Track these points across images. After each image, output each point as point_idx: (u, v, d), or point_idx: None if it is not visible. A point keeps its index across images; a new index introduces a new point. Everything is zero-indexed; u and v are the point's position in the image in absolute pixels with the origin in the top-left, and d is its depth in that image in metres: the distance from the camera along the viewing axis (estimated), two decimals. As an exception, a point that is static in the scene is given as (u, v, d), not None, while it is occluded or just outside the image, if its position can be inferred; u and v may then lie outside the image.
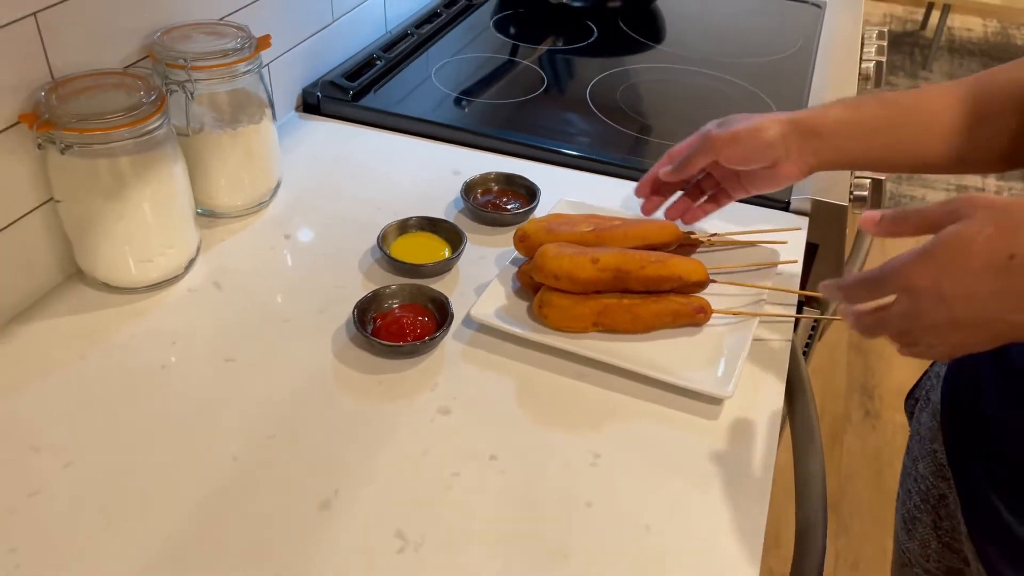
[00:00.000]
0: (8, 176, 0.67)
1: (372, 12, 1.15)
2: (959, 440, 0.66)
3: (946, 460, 0.69)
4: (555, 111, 1.05)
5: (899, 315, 0.49)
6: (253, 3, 0.90)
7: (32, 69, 0.67)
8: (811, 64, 1.20)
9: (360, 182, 0.90)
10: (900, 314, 0.49)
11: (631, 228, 0.76)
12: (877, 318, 0.51)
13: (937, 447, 0.71)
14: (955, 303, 0.46)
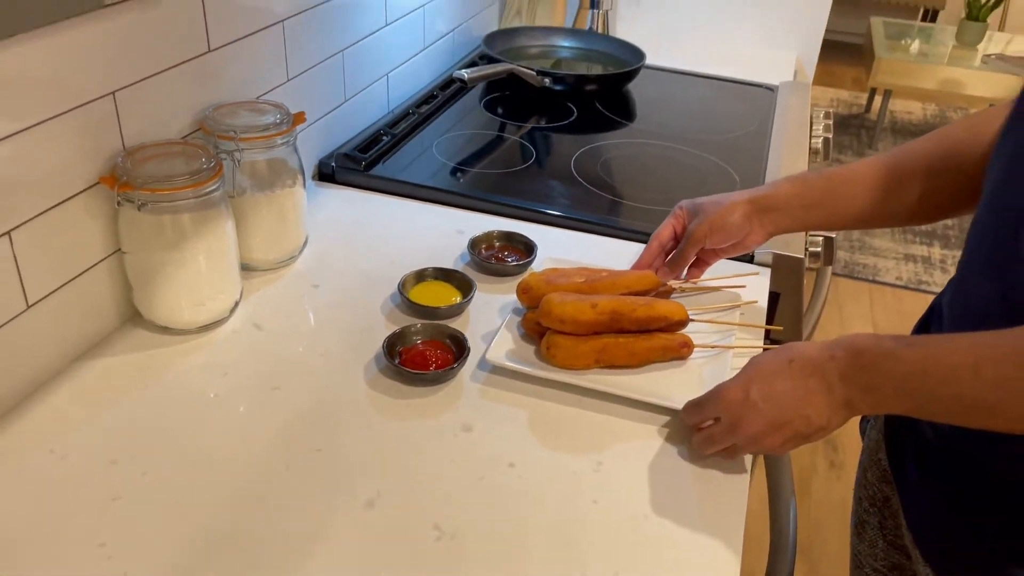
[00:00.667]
0: (84, 231, 0.77)
1: (377, 94, 1.29)
2: (898, 448, 0.78)
3: (888, 466, 0.80)
4: (543, 179, 1.18)
5: (723, 429, 0.67)
6: (280, 86, 1.03)
7: (108, 138, 0.78)
8: (767, 140, 1.36)
9: (376, 240, 1.02)
10: (724, 428, 0.67)
11: (617, 278, 0.88)
12: (706, 435, 0.69)
13: (882, 456, 0.82)
14: (763, 404, 0.64)
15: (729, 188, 1.18)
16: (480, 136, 1.31)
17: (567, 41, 1.64)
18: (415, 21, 1.37)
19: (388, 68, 1.31)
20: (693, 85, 1.60)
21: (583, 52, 1.63)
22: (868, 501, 0.86)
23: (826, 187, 0.82)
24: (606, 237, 1.05)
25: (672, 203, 0.93)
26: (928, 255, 3.05)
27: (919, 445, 0.73)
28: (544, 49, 1.63)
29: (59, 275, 0.75)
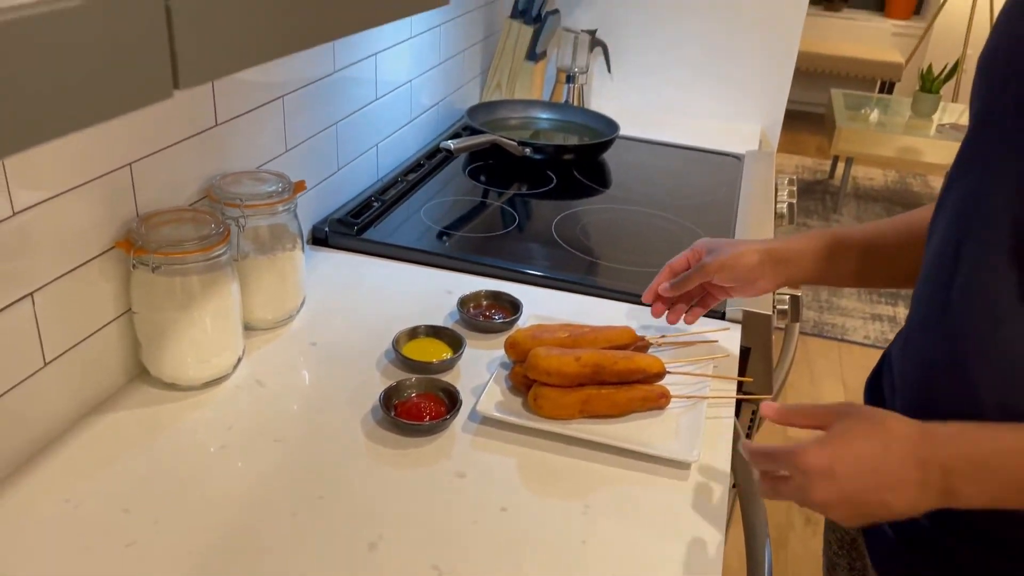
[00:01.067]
0: (99, 292, 0.82)
1: (367, 163, 1.36)
2: None
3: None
4: (526, 242, 1.25)
5: (794, 490, 0.64)
6: (279, 156, 1.10)
7: (124, 205, 0.83)
8: (735, 205, 1.44)
9: (369, 300, 1.07)
10: (795, 489, 0.64)
11: (598, 333, 0.94)
12: (773, 488, 0.67)
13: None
14: (845, 481, 0.60)
15: (701, 250, 1.25)
16: (465, 202, 1.38)
17: (545, 113, 1.74)
18: (402, 96, 1.45)
19: (378, 139, 1.38)
20: (665, 154, 1.69)
21: (560, 123, 1.72)
22: (837, 544, 0.91)
23: (832, 247, 0.89)
24: (587, 296, 1.12)
25: (648, 264, 1.00)
26: (893, 315, 3.16)
27: None
28: (524, 121, 1.72)
29: (74, 334, 0.80)
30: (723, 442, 0.86)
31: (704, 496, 0.78)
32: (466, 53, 1.75)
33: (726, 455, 0.84)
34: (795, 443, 0.64)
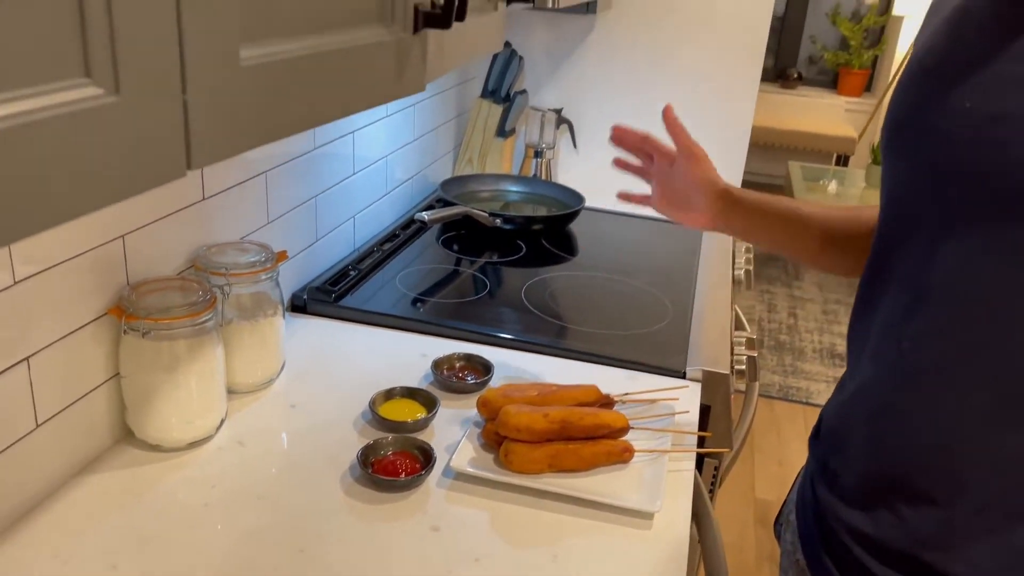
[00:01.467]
0: (89, 357, 0.86)
1: (345, 234, 1.42)
2: (813, 547, 0.87)
3: (806, 565, 0.89)
4: (497, 308, 1.31)
5: None
6: (262, 228, 1.15)
7: (115, 275, 0.88)
8: (694, 271, 1.52)
9: (347, 363, 1.12)
10: None
11: (566, 392, 0.99)
12: None
13: (799, 556, 0.92)
14: None
15: (662, 313, 1.32)
16: (439, 270, 1.44)
17: (515, 186, 1.82)
18: (379, 170, 1.52)
19: (355, 211, 1.45)
20: (628, 224, 1.77)
21: (529, 196, 1.81)
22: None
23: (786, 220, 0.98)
24: (555, 357, 1.17)
25: (613, 327, 1.06)
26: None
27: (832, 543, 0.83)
28: (494, 193, 1.80)
29: (65, 397, 0.84)
30: (684, 493, 0.91)
31: (667, 544, 0.83)
32: (439, 130, 1.84)
33: (687, 505, 0.89)
34: None
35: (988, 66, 0.65)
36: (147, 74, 0.40)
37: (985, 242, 0.65)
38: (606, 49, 1.96)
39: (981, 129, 0.65)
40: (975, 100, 0.65)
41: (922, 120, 0.70)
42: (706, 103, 1.95)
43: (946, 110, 0.68)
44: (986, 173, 0.65)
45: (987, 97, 0.65)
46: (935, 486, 0.71)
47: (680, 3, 1.89)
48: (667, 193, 1.03)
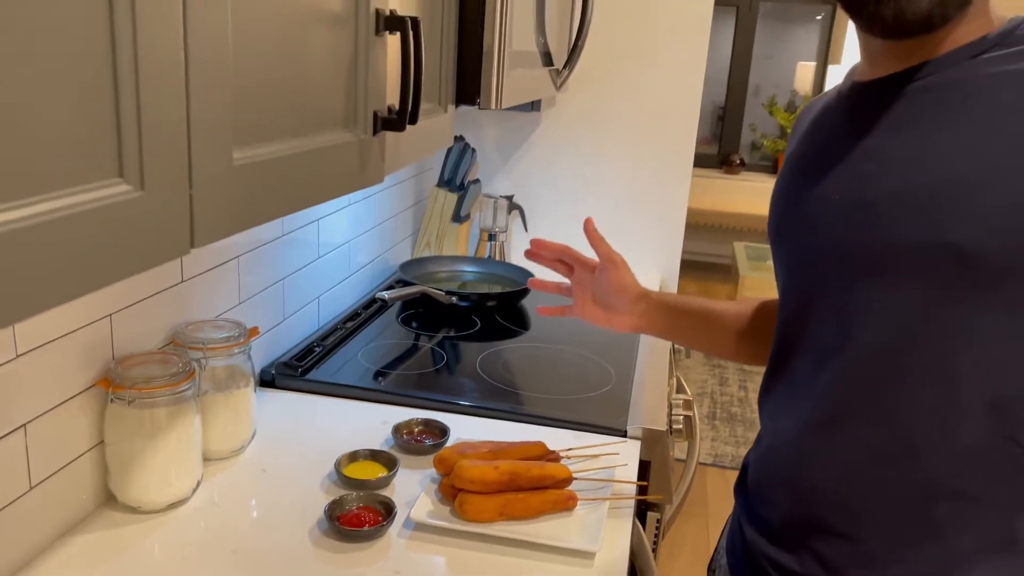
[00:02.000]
0: (77, 426, 0.94)
1: (310, 313, 1.53)
2: None
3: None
4: (454, 378, 1.41)
5: None
6: (234, 307, 1.25)
7: (103, 351, 0.97)
8: (637, 342, 1.64)
9: (313, 431, 1.21)
10: None
11: (515, 448, 1.09)
12: None
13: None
14: None
15: (606, 379, 1.44)
16: (399, 345, 1.54)
17: (470, 267, 1.95)
18: (342, 254, 1.64)
19: (319, 292, 1.56)
20: (576, 300, 1.90)
21: (484, 275, 1.93)
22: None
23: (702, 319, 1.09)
24: (507, 421, 1.27)
25: (561, 392, 1.17)
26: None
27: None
28: (451, 273, 1.92)
29: (55, 462, 0.91)
30: (623, 534, 1.01)
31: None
32: (398, 217, 1.97)
33: (625, 545, 0.99)
34: None
35: (847, 164, 0.80)
36: (164, 173, 0.51)
37: (867, 303, 0.78)
38: (551, 141, 2.13)
39: (847, 215, 0.79)
40: (841, 192, 0.80)
41: (800, 212, 0.84)
42: (646, 189, 2.12)
43: (818, 202, 0.82)
44: (855, 249, 0.78)
45: (850, 189, 0.79)
46: (843, 521, 0.82)
47: (616, 99, 2.07)
48: (590, 299, 1.14)
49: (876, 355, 0.78)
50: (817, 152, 0.84)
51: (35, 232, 0.42)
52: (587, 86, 2.07)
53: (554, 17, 1.53)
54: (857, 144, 0.79)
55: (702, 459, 3.20)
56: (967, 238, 0.70)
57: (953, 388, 0.74)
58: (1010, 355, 0.72)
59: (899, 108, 0.76)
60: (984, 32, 0.74)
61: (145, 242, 0.51)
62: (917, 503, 0.77)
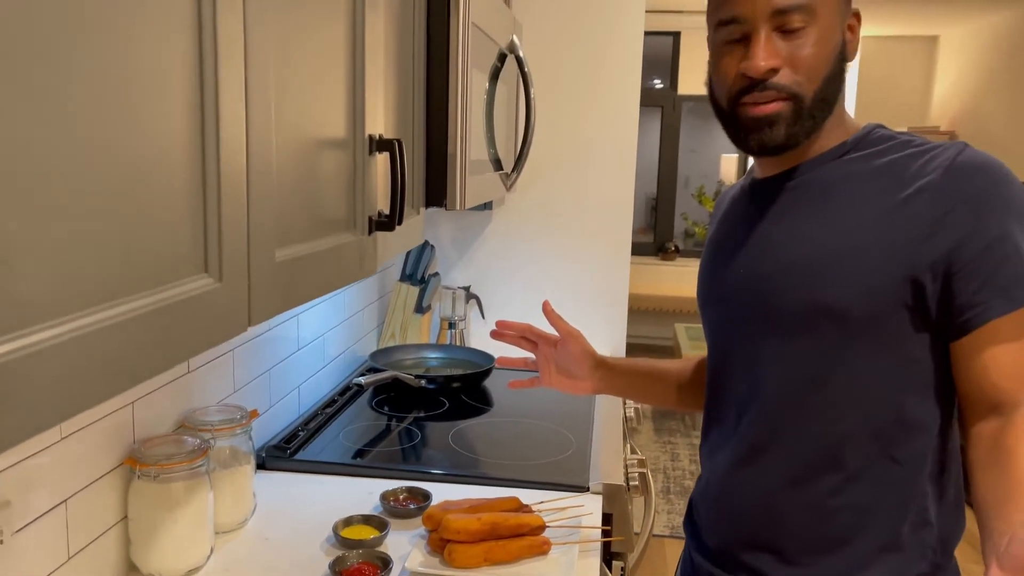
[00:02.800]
0: (105, 502, 1.06)
1: (291, 402, 1.66)
2: None
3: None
4: (430, 452, 1.55)
5: None
6: (230, 395, 1.39)
7: (125, 434, 1.10)
8: (592, 410, 1.81)
9: (307, 505, 1.33)
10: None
11: (493, 503, 1.23)
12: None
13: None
14: None
15: (567, 445, 1.59)
16: (375, 426, 1.68)
17: (434, 353, 2.10)
18: (317, 347, 1.78)
19: (300, 381, 1.69)
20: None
21: (447, 360, 2.09)
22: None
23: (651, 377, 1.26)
24: (482, 485, 1.41)
25: (527, 459, 1.32)
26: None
27: None
28: (417, 360, 2.07)
29: (89, 535, 1.02)
30: (593, 572, 1.15)
31: (581, 608, 1.06)
32: (364, 311, 2.13)
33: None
34: None
35: (748, 245, 1.01)
36: (234, 268, 0.68)
37: (771, 356, 0.97)
38: (503, 236, 2.34)
39: (750, 287, 0.99)
40: (745, 268, 1.00)
41: (717, 285, 1.05)
42: (589, 276, 2.33)
43: (730, 276, 1.02)
44: (757, 314, 0.98)
45: (750, 265, 0.99)
46: (767, 536, 0.99)
47: (559, 195, 2.30)
48: (554, 370, 1.30)
49: (779, 399, 0.96)
50: (728, 236, 1.05)
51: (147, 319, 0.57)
52: (533, 185, 2.30)
53: (502, 128, 1.75)
54: (754, 229, 1.00)
55: (660, 531, 3.32)
56: (836, 300, 0.90)
57: (839, 421, 0.93)
58: (881, 391, 0.92)
59: (782, 201, 0.98)
60: (843, 139, 0.97)
61: (218, 323, 0.67)
62: (823, 516, 0.95)
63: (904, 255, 0.87)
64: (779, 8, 0.88)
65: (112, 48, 0.50)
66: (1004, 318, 0.85)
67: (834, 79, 0.92)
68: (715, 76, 0.96)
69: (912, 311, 0.88)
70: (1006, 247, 0.85)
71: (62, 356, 0.46)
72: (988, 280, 0.85)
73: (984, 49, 4.81)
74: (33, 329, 0.45)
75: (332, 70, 0.87)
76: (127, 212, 0.53)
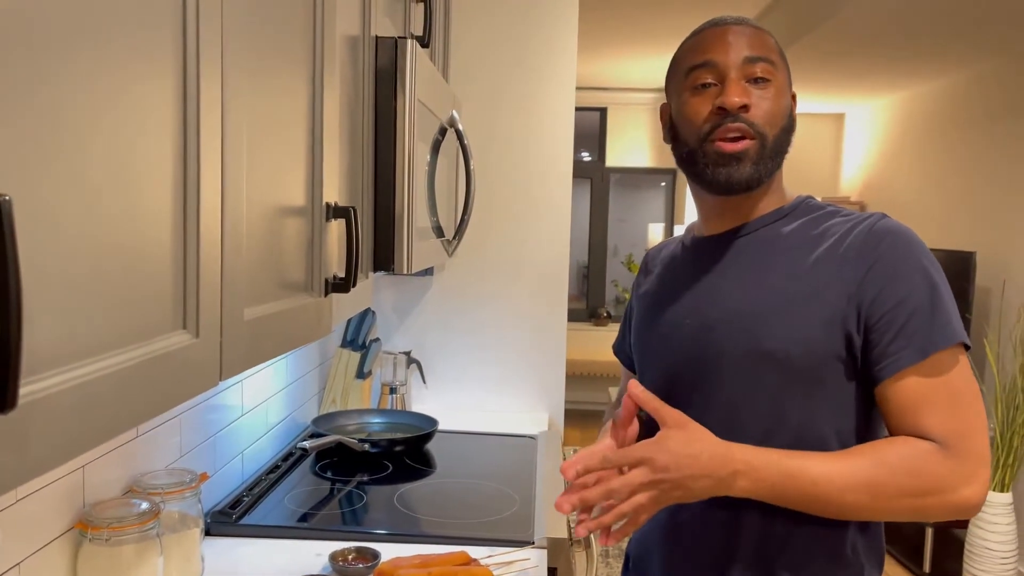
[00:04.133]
0: (55, 566, 1.05)
1: (235, 467, 1.66)
2: None
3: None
4: (375, 513, 1.57)
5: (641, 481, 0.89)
6: (177, 460, 1.39)
7: (75, 497, 1.10)
8: (534, 468, 1.86)
9: (254, 567, 1.33)
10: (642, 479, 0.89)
11: (441, 558, 1.27)
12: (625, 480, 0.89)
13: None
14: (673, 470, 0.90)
15: (511, 503, 1.63)
16: (320, 491, 1.69)
17: (376, 418, 2.13)
18: (260, 413, 1.80)
19: (243, 447, 1.70)
20: (476, 440, 2.11)
21: (389, 424, 2.12)
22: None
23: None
24: (428, 544, 1.44)
25: (472, 517, 1.35)
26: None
27: None
28: (359, 425, 2.09)
29: (36, 600, 1.02)
30: (541, 621, 1.18)
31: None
32: (306, 377, 2.14)
33: (544, 629, 1.17)
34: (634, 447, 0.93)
35: (693, 298, 1.09)
36: (209, 325, 0.72)
37: (713, 401, 1.05)
38: (442, 301, 2.40)
39: (695, 336, 1.07)
40: (690, 318, 1.08)
41: (659, 334, 1.13)
42: (527, 341, 2.40)
43: (673, 326, 1.10)
44: (701, 360, 1.06)
45: (696, 316, 1.08)
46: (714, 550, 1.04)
47: (496, 263, 2.39)
48: None
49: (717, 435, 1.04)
50: (669, 289, 1.14)
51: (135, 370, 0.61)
52: (472, 252, 2.38)
53: (442, 197, 1.83)
54: (699, 283, 1.09)
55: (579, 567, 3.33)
56: (776, 348, 0.99)
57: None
58: (818, 433, 1.00)
59: (726, 257, 1.07)
60: (780, 204, 1.08)
61: (194, 376, 0.71)
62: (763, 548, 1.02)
63: (835, 310, 0.97)
64: (749, 57, 1.00)
65: (115, 137, 0.56)
66: (914, 366, 0.95)
67: (786, 133, 1.04)
68: (681, 119, 1.06)
69: (844, 361, 0.98)
70: (914, 303, 0.95)
71: (69, 400, 0.51)
72: (900, 333, 0.95)
73: (885, 125, 5.19)
74: (44, 375, 0.49)
75: (294, 143, 0.94)
76: (121, 271, 0.58)
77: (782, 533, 1.01)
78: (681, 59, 1.07)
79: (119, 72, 0.56)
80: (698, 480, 0.92)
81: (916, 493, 0.92)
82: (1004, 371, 3.62)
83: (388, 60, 1.36)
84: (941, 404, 0.94)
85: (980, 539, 3.21)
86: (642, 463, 0.91)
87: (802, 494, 0.93)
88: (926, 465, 0.92)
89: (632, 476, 0.91)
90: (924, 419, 0.94)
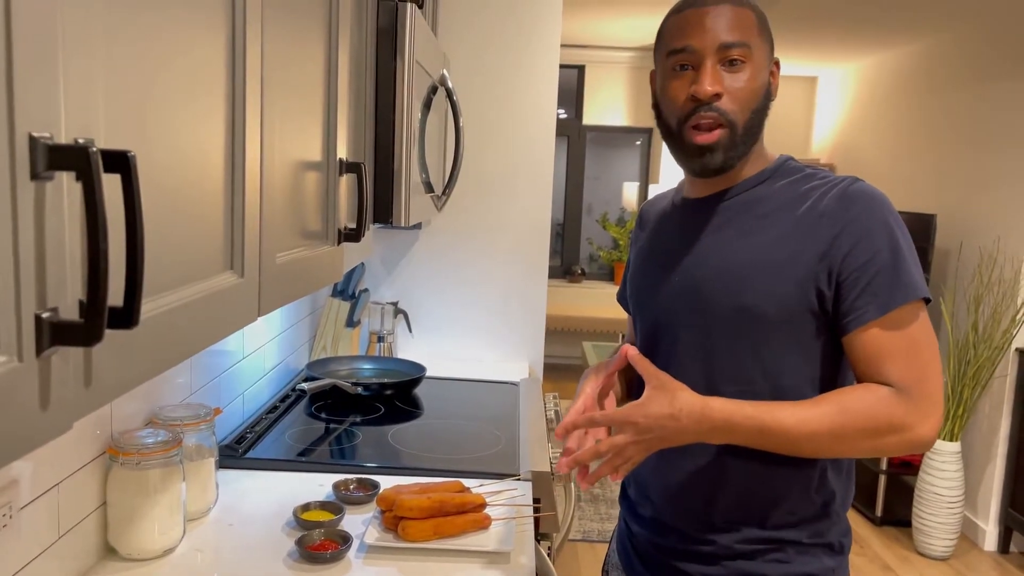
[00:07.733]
0: (86, 489, 1.15)
1: (236, 407, 1.76)
2: (635, 571, 1.29)
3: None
4: (371, 449, 1.68)
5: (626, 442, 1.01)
6: (188, 397, 1.49)
7: (104, 428, 1.20)
8: (517, 411, 1.98)
9: (263, 495, 1.44)
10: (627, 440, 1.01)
11: (438, 486, 1.39)
12: (611, 443, 1.01)
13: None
14: (656, 430, 1.01)
15: (496, 441, 1.75)
16: (317, 429, 1.80)
17: (366, 364, 2.23)
18: (258, 357, 1.89)
19: (244, 388, 1.80)
20: (462, 386, 2.22)
21: (379, 370, 2.22)
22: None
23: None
24: (422, 476, 1.56)
25: (462, 453, 1.47)
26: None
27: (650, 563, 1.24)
28: (351, 370, 2.20)
29: (75, 517, 1.12)
30: (528, 541, 1.31)
31: (519, 569, 1.22)
32: (297, 325, 2.24)
33: (531, 550, 1.29)
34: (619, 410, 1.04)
35: (682, 255, 1.19)
36: (251, 267, 0.82)
37: (699, 351, 1.16)
38: (429, 255, 2.50)
39: (683, 293, 1.17)
40: (679, 276, 1.19)
41: (654, 290, 1.23)
42: (510, 294, 2.51)
43: (665, 284, 1.20)
44: (687, 313, 1.17)
45: (684, 275, 1.18)
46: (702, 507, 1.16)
47: (480, 218, 2.48)
48: None
49: (706, 390, 1.15)
50: (661, 248, 1.24)
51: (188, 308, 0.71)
52: (458, 207, 2.47)
53: (433, 154, 1.92)
54: (687, 243, 1.19)
55: (573, 536, 3.50)
56: (755, 304, 1.10)
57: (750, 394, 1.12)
58: (793, 382, 1.11)
59: (712, 219, 1.17)
60: (763, 167, 1.17)
61: (237, 313, 0.81)
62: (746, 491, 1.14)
63: (809, 268, 1.08)
64: (724, 43, 1.08)
65: (190, 111, 0.65)
66: (877, 320, 1.06)
67: (760, 112, 1.12)
68: (663, 99, 1.15)
69: (816, 316, 1.09)
70: (880, 262, 1.06)
71: (161, 323, 0.60)
72: (865, 289, 1.06)
73: (855, 89, 5.31)
74: (145, 302, 0.59)
75: (312, 101, 1.02)
76: (188, 217, 0.68)
77: (762, 470, 1.13)
78: (664, 35, 1.14)
79: (182, 32, 0.65)
80: (679, 435, 1.03)
81: (876, 433, 1.04)
82: (958, 328, 3.81)
83: (388, 23, 1.44)
84: (900, 354, 1.05)
85: (929, 485, 3.42)
86: (626, 425, 1.03)
87: (775, 441, 1.04)
88: (886, 408, 1.04)
89: (617, 439, 1.03)
90: (886, 367, 1.06)
